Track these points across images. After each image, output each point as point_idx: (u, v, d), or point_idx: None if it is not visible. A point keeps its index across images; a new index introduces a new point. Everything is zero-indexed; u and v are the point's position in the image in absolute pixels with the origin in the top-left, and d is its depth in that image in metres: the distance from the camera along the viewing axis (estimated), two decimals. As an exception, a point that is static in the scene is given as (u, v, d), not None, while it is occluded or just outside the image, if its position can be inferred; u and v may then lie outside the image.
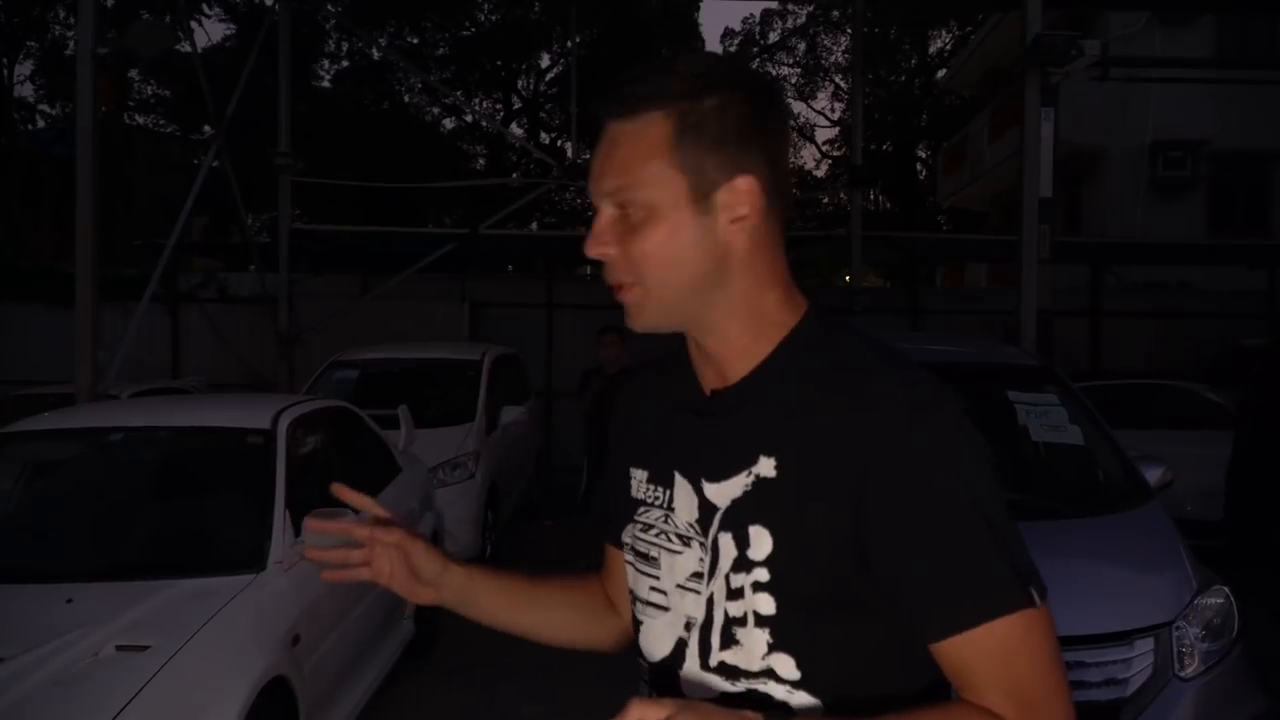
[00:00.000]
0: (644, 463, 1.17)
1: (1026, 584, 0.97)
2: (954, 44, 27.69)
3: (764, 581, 1.03)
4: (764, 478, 1.04)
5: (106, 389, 7.57)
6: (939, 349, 5.32)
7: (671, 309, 1.07)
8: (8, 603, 3.21)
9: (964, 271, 23.42)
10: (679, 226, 1.03)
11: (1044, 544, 3.50)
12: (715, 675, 1.07)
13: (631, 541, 1.18)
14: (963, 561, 0.96)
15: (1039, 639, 0.98)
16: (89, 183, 7.05)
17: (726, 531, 1.06)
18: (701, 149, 1.02)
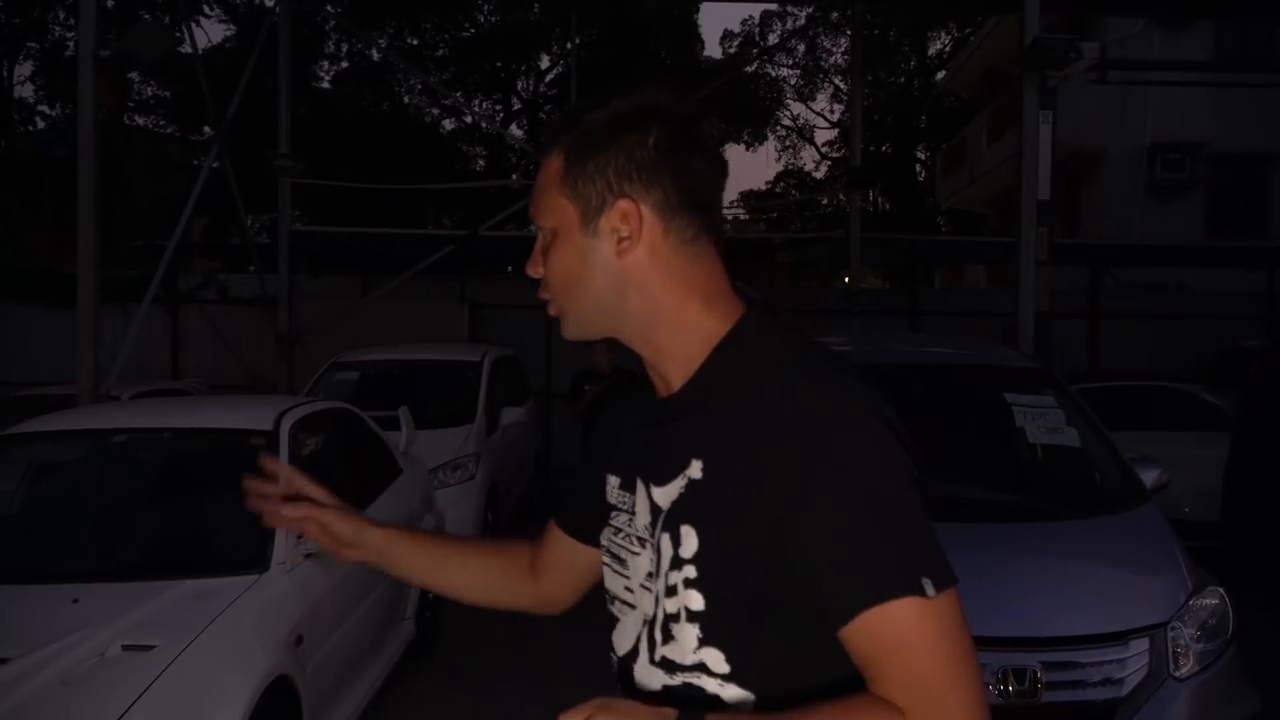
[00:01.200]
0: (616, 469, 1.26)
1: (919, 573, 1.01)
2: (953, 46, 27.74)
3: (692, 578, 1.10)
4: (694, 480, 1.11)
5: (108, 390, 7.59)
6: (937, 351, 5.36)
7: (585, 322, 1.18)
8: (14, 603, 3.23)
9: (963, 273, 23.46)
10: (574, 249, 1.15)
11: (1040, 545, 3.55)
12: (658, 669, 1.15)
13: (607, 544, 1.26)
14: (861, 554, 1.02)
15: (935, 629, 1.01)
16: (90, 184, 7.07)
17: (665, 532, 1.13)
18: (584, 177, 1.14)
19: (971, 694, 1.02)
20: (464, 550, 1.50)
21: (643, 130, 1.13)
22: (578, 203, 1.14)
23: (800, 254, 19.88)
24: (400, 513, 5.14)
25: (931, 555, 1.04)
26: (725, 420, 1.10)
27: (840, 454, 1.04)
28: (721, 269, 1.18)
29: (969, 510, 3.81)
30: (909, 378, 4.68)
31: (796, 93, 30.52)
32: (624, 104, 1.15)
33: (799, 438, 1.04)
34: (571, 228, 1.15)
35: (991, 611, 3.14)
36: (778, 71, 29.83)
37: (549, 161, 1.17)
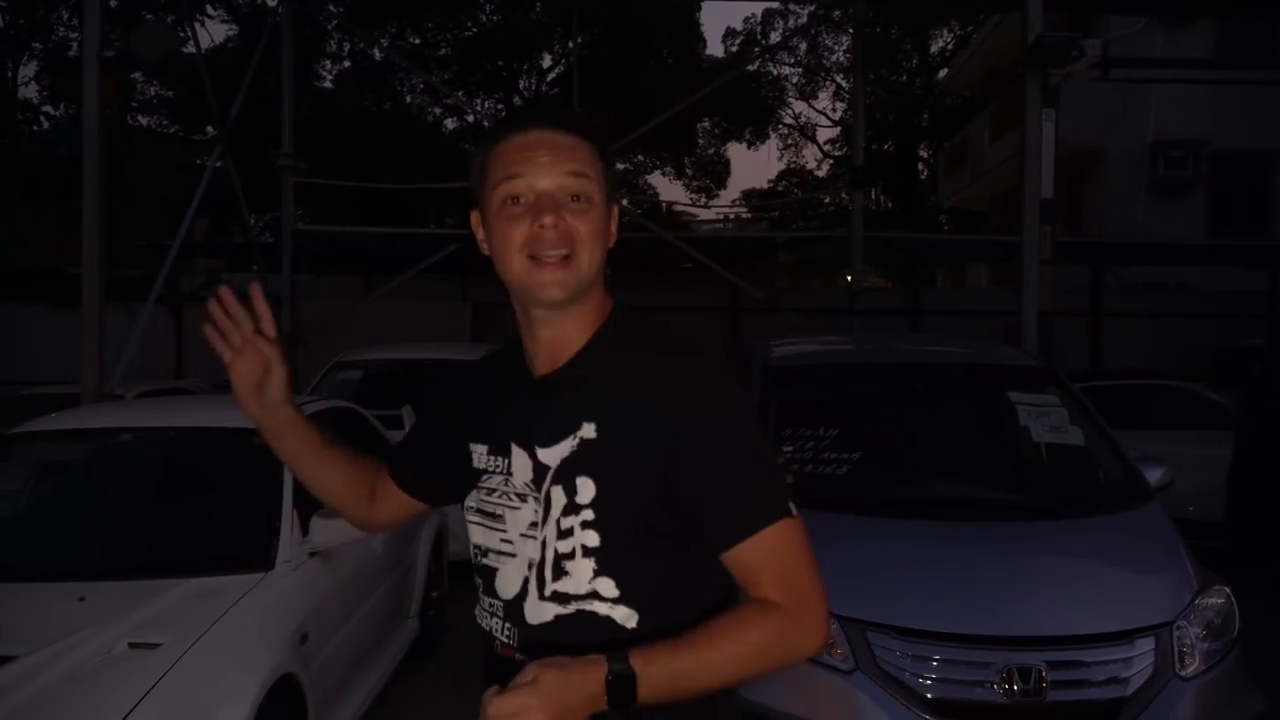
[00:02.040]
0: (483, 438, 1.44)
1: (787, 498, 1.30)
2: (955, 44, 27.70)
3: (590, 520, 1.30)
4: (586, 439, 1.32)
5: (112, 389, 7.60)
6: (940, 350, 5.36)
7: (584, 284, 1.35)
8: (21, 601, 3.23)
9: (965, 272, 23.45)
10: (601, 224, 1.36)
11: (1044, 544, 3.56)
12: (550, 602, 1.33)
13: (477, 504, 1.44)
14: (746, 487, 1.29)
15: (800, 539, 1.30)
16: (94, 184, 7.08)
17: (558, 485, 1.33)
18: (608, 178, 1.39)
19: (822, 585, 1.30)
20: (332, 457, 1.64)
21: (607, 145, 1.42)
22: (604, 190, 1.37)
23: (802, 253, 19.88)
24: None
25: (788, 484, 1.34)
26: (617, 387, 1.32)
27: (721, 408, 1.30)
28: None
29: (973, 509, 3.83)
30: (912, 377, 4.69)
31: (798, 91, 30.52)
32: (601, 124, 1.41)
33: (685, 396, 1.29)
34: (600, 202, 1.36)
35: (996, 610, 3.14)
36: (780, 70, 29.84)
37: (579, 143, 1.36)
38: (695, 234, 19.99)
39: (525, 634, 1.36)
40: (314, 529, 3.75)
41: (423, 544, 5.37)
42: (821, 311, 13.30)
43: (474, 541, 1.45)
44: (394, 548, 4.85)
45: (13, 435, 4.41)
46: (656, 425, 1.28)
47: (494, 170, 1.36)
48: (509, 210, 1.34)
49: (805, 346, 5.46)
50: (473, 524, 1.45)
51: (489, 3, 24.28)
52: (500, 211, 1.35)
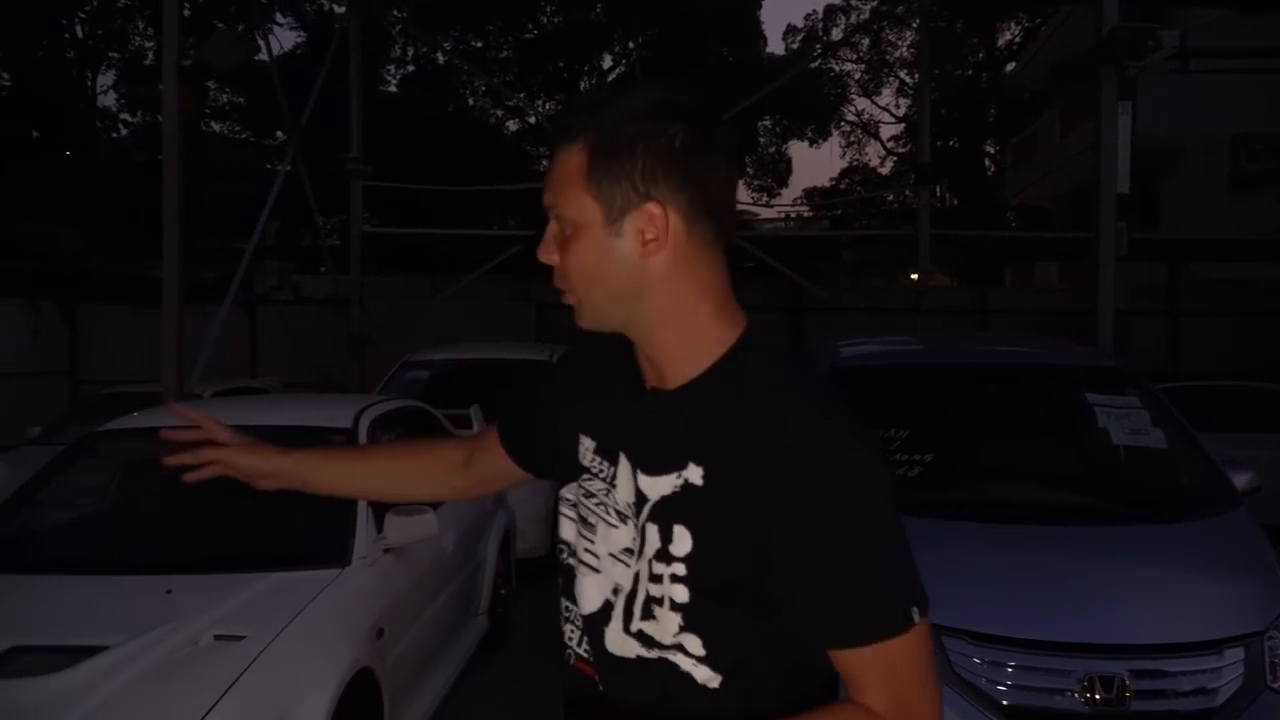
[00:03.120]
0: (593, 434, 1.28)
1: (910, 606, 1.10)
2: (1023, 37, 27.18)
3: (680, 575, 1.15)
4: (691, 484, 1.15)
5: (190, 389, 7.81)
6: (1013, 350, 5.26)
7: (601, 315, 1.19)
8: (112, 593, 3.34)
9: (1033, 270, 22.99)
10: (595, 246, 1.15)
11: (1127, 549, 3.47)
12: (634, 640, 1.20)
13: (575, 500, 1.30)
14: (853, 591, 1.10)
15: (918, 652, 1.11)
16: (174, 190, 7.29)
17: (654, 523, 1.17)
18: (610, 179, 1.13)
19: (938, 703, 1.14)
20: (380, 457, 1.62)
21: (669, 131, 1.12)
22: (601, 202, 1.14)
23: (864, 252, 19.67)
24: (472, 510, 5.21)
25: (914, 581, 1.12)
26: (728, 436, 1.13)
27: (836, 487, 1.09)
28: (728, 275, 1.21)
29: (1051, 513, 3.75)
30: (985, 377, 4.61)
31: (861, 88, 30.19)
32: (644, 101, 1.14)
33: (797, 464, 1.09)
34: (594, 226, 1.15)
35: (1078, 617, 3.08)
36: (841, 66, 29.54)
37: (569, 154, 1.16)
38: (757, 233, 19.90)
39: (605, 661, 1.25)
40: (388, 526, 3.82)
41: (491, 542, 5.43)
42: (885, 311, 13.16)
43: (561, 535, 1.34)
44: (464, 546, 4.92)
45: (99, 433, 4.56)
46: (762, 491, 1.10)
47: None
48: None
49: (874, 346, 5.40)
50: (564, 517, 1.34)
51: (549, 4, 24.43)
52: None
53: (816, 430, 1.11)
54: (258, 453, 1.53)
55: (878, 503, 1.11)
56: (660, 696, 1.18)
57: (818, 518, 1.08)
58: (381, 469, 1.62)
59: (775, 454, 1.09)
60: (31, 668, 2.77)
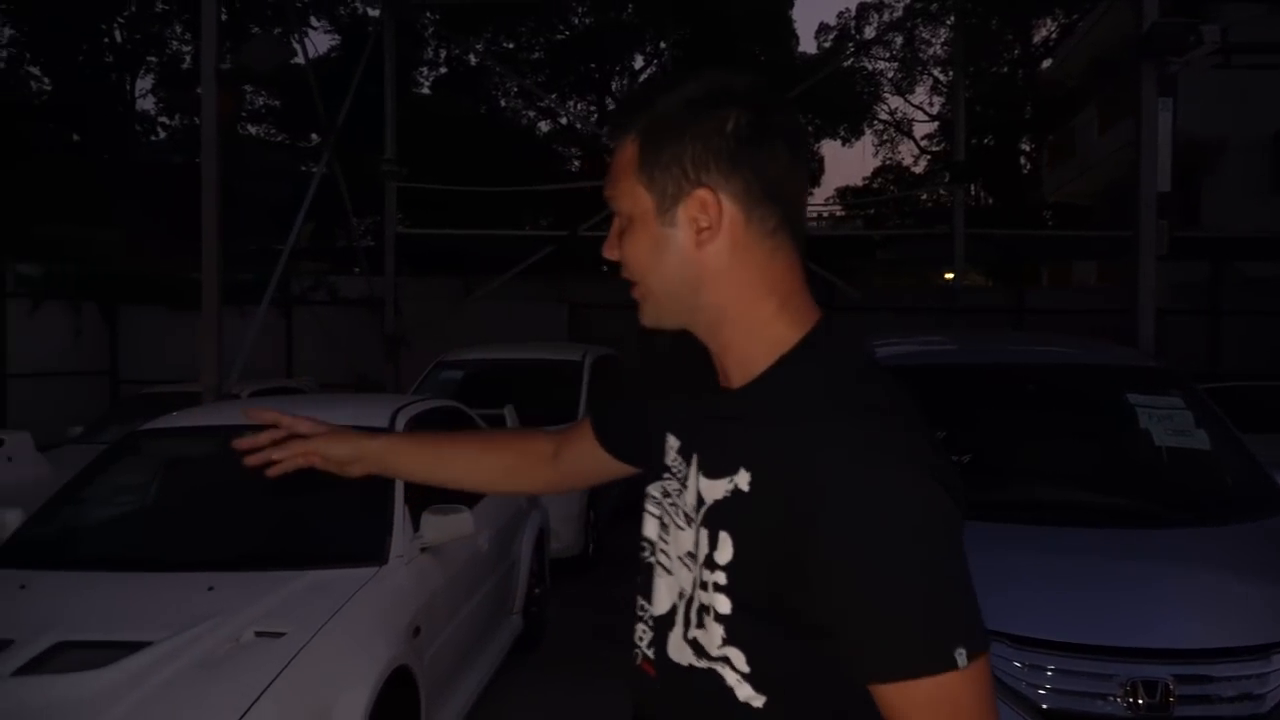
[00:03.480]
0: (676, 432, 1.24)
1: (954, 646, 0.99)
2: (1059, 33, 26.88)
3: (722, 584, 1.10)
4: (740, 490, 1.10)
5: (229, 388, 7.91)
6: (1051, 350, 5.19)
7: (664, 310, 1.16)
8: (155, 589, 3.39)
9: (1071, 269, 22.73)
10: (649, 238, 1.13)
11: (1170, 552, 3.42)
12: (689, 647, 1.17)
13: (658, 498, 1.26)
14: (895, 620, 1.00)
15: (962, 698, 1.00)
16: (213, 192, 7.38)
17: (704, 529, 1.13)
18: (661, 167, 1.10)
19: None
20: (469, 446, 1.59)
21: (720, 116, 1.09)
22: (653, 191, 1.11)
23: (898, 251, 19.55)
24: (506, 510, 5.23)
25: (967, 621, 1.01)
26: (779, 442, 1.07)
27: (871, 505, 1.00)
28: (799, 266, 1.15)
29: (1091, 515, 3.70)
30: (1023, 377, 4.56)
31: (894, 86, 30.01)
32: (698, 87, 1.11)
33: (835, 480, 1.01)
34: (647, 216, 1.12)
35: (1120, 621, 3.03)
36: (874, 65, 29.39)
37: (623, 146, 1.14)
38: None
39: (664, 666, 1.21)
40: (425, 525, 3.85)
41: (526, 541, 5.45)
42: (919, 311, 13.06)
43: (643, 532, 1.29)
44: (498, 545, 4.94)
45: (140, 432, 4.63)
46: (799, 503, 1.02)
47: None
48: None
49: (909, 346, 5.35)
50: (647, 514, 1.29)
51: (580, 5, 24.51)
52: None
53: (861, 443, 1.02)
54: (345, 440, 1.51)
55: (921, 528, 1.00)
56: (705, 710, 1.15)
57: (847, 536, 1.00)
58: (470, 460, 1.58)
59: (814, 464, 1.02)
60: (76, 663, 2.82)
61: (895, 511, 1.00)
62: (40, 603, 3.30)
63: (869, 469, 1.01)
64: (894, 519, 1.00)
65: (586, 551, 7.34)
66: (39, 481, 6.28)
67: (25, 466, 6.79)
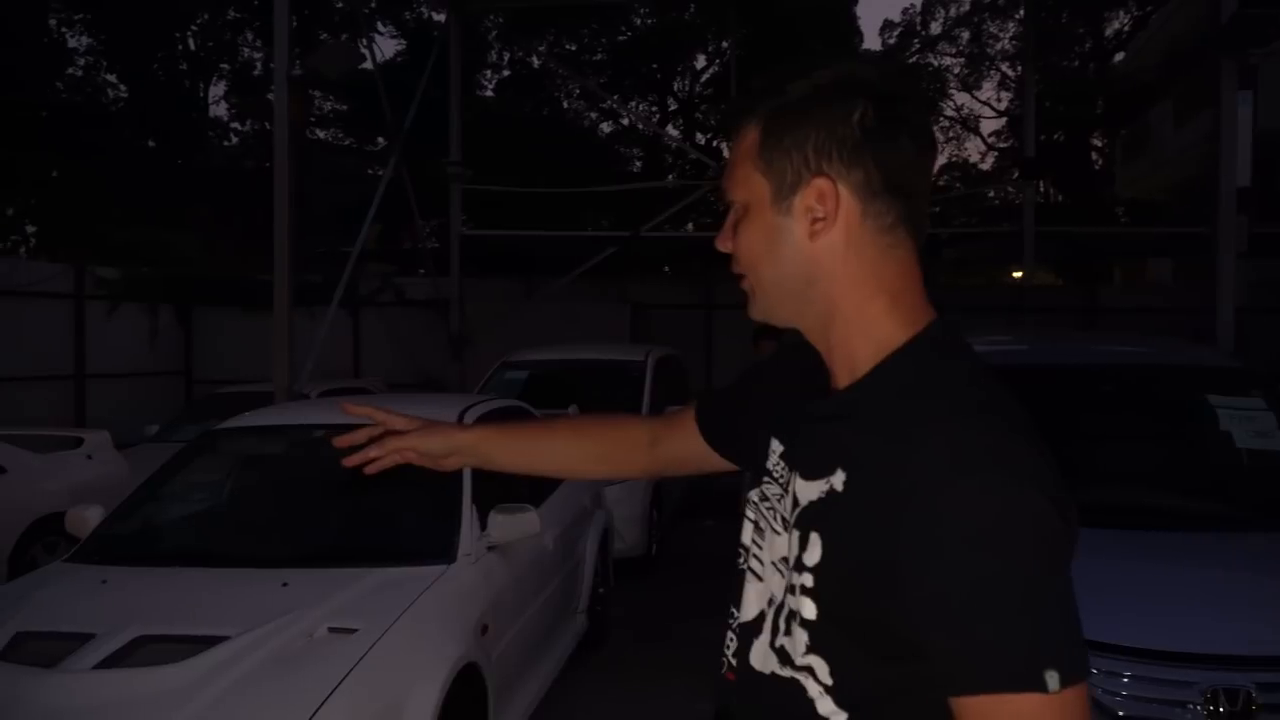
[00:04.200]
0: (781, 437, 1.21)
1: (1044, 667, 0.92)
2: (1132, 26, 26.21)
3: (809, 587, 1.07)
4: (835, 490, 1.06)
5: (299, 389, 8.07)
6: (1127, 350, 5.07)
7: (773, 303, 1.14)
8: (231, 585, 3.48)
9: (1145, 267, 22.13)
10: (764, 226, 1.10)
11: (1253, 557, 3.31)
12: (774, 655, 1.14)
13: (756, 502, 1.23)
14: (981, 632, 0.94)
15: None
16: (285, 196, 7.53)
17: (795, 530, 1.10)
18: (780, 154, 1.08)
19: None
20: (562, 433, 1.59)
21: (847, 105, 1.05)
22: (771, 178, 1.09)
23: (965, 250, 19.24)
24: (571, 509, 5.25)
25: (1063, 644, 0.94)
26: (877, 443, 1.03)
27: (967, 509, 0.95)
28: (916, 265, 1.11)
29: (1169, 519, 3.60)
30: (1098, 378, 4.46)
31: (960, 82, 29.53)
32: (829, 74, 1.09)
33: (924, 484, 0.97)
34: (763, 204, 1.10)
35: (1201, 627, 2.95)
36: (940, 61, 28.96)
37: (745, 132, 1.12)
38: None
39: (745, 674, 1.19)
40: (492, 523, 3.88)
41: (590, 541, 5.47)
42: (987, 310, 12.83)
43: (741, 538, 1.26)
44: (564, 544, 4.96)
45: (216, 431, 4.75)
46: (890, 506, 0.99)
47: None
48: None
49: (981, 346, 5.25)
50: (746, 519, 1.26)
51: (642, 6, 24.55)
52: None
53: (958, 446, 0.97)
54: (439, 434, 1.51)
55: (1012, 536, 0.94)
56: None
57: (932, 539, 0.95)
58: (563, 448, 1.58)
59: (908, 466, 0.98)
60: (155, 657, 2.90)
61: (985, 516, 0.95)
62: (120, 597, 3.39)
63: (963, 472, 0.96)
64: (983, 523, 0.95)
65: (650, 552, 7.35)
66: (118, 479, 6.49)
67: (105, 464, 7.01)
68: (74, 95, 21.53)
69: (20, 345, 11.76)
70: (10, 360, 11.55)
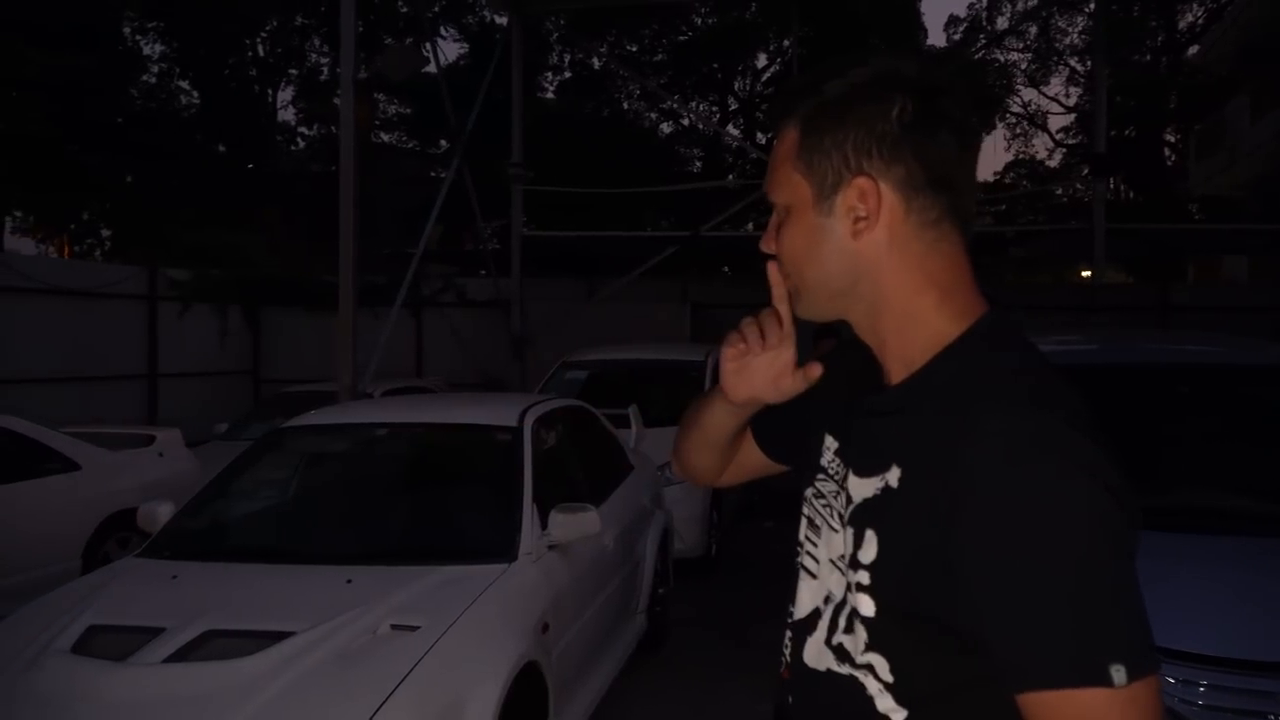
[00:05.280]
0: (836, 433, 1.21)
1: (1110, 660, 0.90)
2: (1206, 18, 25.46)
3: (865, 584, 1.06)
4: (890, 486, 1.06)
5: (363, 388, 8.19)
6: (1203, 349, 4.91)
7: (819, 303, 1.13)
8: (297, 581, 3.52)
9: (1219, 265, 21.51)
10: (806, 227, 1.10)
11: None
12: (831, 652, 1.13)
13: (810, 500, 1.23)
14: (1032, 623, 0.92)
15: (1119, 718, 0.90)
16: (351, 198, 7.65)
17: (850, 528, 1.10)
18: (820, 154, 1.07)
19: None
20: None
21: (885, 102, 1.04)
22: (812, 179, 1.08)
23: (1032, 248, 18.87)
24: (631, 510, 5.25)
25: (1129, 637, 0.92)
26: (932, 436, 1.02)
27: (1023, 497, 0.93)
28: (964, 258, 1.10)
29: (1253, 523, 3.48)
30: (1174, 378, 4.32)
31: (1027, 78, 28.95)
32: (864, 72, 1.07)
33: (985, 470, 0.95)
34: (805, 205, 1.09)
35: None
36: (1007, 56, 28.43)
37: (784, 134, 1.11)
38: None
39: (799, 672, 1.19)
40: (553, 523, 3.89)
41: (650, 541, 5.46)
42: (1055, 309, 12.56)
43: (798, 534, 1.26)
44: (623, 545, 4.96)
45: (283, 429, 4.83)
46: (944, 498, 0.97)
47: None
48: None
49: (1047, 346, 5.13)
50: (803, 516, 1.25)
51: (704, 5, 24.50)
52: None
53: (1014, 437, 0.96)
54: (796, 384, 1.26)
55: (1066, 522, 0.92)
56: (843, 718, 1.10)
57: (991, 531, 0.93)
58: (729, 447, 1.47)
59: (964, 458, 0.96)
60: (224, 651, 2.95)
61: (1044, 507, 0.93)
62: (190, 592, 3.45)
63: (1020, 463, 0.95)
64: (1041, 514, 0.93)
65: (709, 553, 7.32)
66: (188, 476, 6.64)
67: (175, 462, 7.18)
68: (148, 102, 22.13)
69: (95, 346, 12.11)
70: (86, 360, 11.89)
